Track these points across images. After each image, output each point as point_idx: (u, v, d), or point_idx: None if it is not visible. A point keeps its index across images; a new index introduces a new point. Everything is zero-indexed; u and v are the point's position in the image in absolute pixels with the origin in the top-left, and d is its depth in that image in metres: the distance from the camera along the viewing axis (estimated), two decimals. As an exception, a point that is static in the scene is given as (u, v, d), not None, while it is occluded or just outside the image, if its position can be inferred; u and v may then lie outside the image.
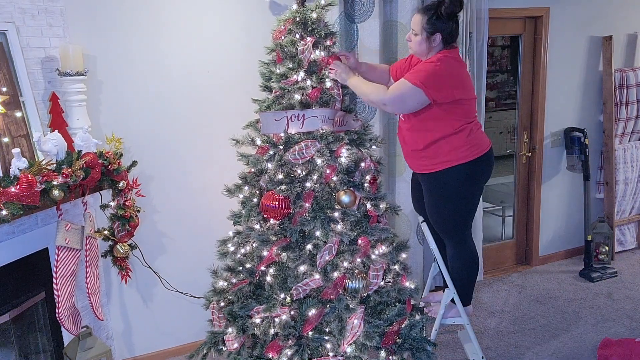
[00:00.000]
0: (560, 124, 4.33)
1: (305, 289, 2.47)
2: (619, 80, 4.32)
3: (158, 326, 3.29)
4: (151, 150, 3.07)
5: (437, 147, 2.48)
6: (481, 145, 2.54)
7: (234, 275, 2.75)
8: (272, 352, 2.46)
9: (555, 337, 3.37)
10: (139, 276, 3.16)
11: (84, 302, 2.80)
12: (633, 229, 4.73)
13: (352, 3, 3.24)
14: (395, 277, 2.69)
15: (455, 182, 2.53)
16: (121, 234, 2.83)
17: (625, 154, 4.45)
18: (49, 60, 2.61)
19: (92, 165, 2.42)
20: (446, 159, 2.49)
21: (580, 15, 4.19)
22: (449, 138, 2.45)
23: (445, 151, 2.48)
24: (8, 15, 2.40)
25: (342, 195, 2.48)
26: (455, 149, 2.46)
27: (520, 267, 4.47)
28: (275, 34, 2.72)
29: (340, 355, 2.43)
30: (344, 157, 2.56)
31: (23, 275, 2.48)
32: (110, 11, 2.85)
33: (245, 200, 2.70)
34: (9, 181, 2.09)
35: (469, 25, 3.53)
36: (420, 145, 2.52)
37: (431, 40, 2.34)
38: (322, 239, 2.48)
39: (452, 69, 2.35)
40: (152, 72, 3.00)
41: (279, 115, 2.59)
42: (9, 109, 2.31)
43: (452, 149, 2.46)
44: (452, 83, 2.34)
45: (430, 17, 2.32)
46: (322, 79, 2.61)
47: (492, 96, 7.00)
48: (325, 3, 2.67)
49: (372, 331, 2.46)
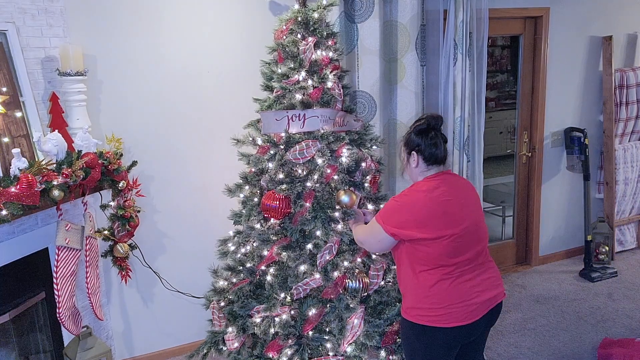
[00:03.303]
0: (560, 124, 4.33)
1: (305, 289, 2.47)
2: (619, 80, 4.32)
3: (158, 326, 3.29)
4: (151, 150, 3.07)
5: (403, 289, 2.13)
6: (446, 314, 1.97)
7: (235, 275, 2.75)
8: (272, 352, 2.46)
9: (555, 337, 3.37)
10: (139, 276, 3.16)
11: (84, 302, 2.79)
12: (633, 229, 4.73)
13: (352, 3, 3.24)
14: (395, 277, 2.69)
15: (409, 338, 2.10)
16: (121, 234, 2.83)
17: (625, 154, 4.45)
18: (49, 60, 2.60)
19: (92, 165, 2.42)
20: (405, 306, 2.09)
21: (580, 15, 4.19)
22: (410, 283, 2.05)
23: (406, 298, 2.09)
24: (8, 15, 2.40)
25: (342, 196, 2.48)
26: (415, 298, 2.03)
27: (520, 267, 4.47)
28: (276, 33, 2.72)
29: (340, 354, 2.43)
30: (345, 157, 2.56)
31: (23, 275, 2.47)
32: (111, 11, 2.85)
33: (246, 199, 2.70)
34: (9, 181, 2.08)
35: (469, 25, 3.53)
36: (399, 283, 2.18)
37: (411, 162, 2.09)
38: (322, 239, 2.48)
39: (416, 205, 1.98)
40: (152, 72, 3.00)
41: (280, 115, 2.59)
42: (9, 109, 2.31)
43: (412, 298, 2.05)
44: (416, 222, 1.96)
45: (405, 137, 2.14)
46: (323, 79, 2.61)
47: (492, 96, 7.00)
48: (327, 3, 2.67)
49: (372, 331, 2.46)
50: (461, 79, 3.60)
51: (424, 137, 2.06)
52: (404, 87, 3.45)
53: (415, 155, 2.07)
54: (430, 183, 2.04)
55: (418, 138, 2.07)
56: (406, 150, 2.12)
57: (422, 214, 1.96)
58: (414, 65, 3.41)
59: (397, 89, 3.48)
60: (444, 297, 1.97)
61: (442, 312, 1.97)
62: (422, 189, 2.03)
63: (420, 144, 2.06)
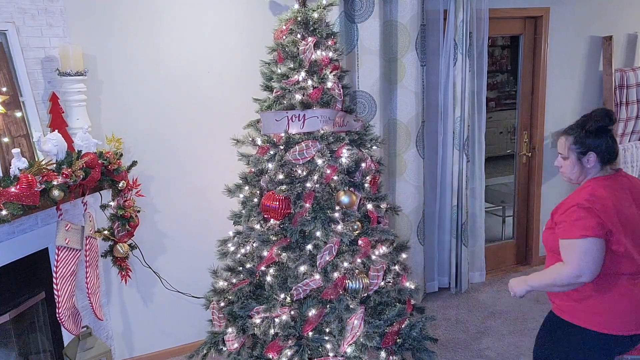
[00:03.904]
0: (560, 124, 4.32)
1: (305, 289, 2.47)
2: (619, 80, 4.32)
3: (158, 326, 3.29)
4: (151, 150, 3.07)
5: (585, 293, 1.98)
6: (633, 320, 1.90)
7: (234, 275, 2.75)
8: (272, 353, 2.46)
9: (555, 337, 3.37)
10: (139, 276, 3.16)
11: (84, 302, 2.79)
12: (633, 229, 4.73)
13: (352, 3, 3.23)
14: (395, 278, 2.69)
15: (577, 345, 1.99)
16: (121, 234, 2.83)
17: (625, 154, 4.45)
18: (49, 60, 2.60)
19: (92, 165, 2.42)
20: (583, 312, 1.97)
21: (580, 15, 4.19)
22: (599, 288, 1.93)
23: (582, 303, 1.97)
24: (8, 15, 2.40)
25: (342, 196, 2.48)
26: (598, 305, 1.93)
27: (520, 267, 4.47)
28: (276, 33, 2.72)
29: (340, 355, 2.43)
30: (345, 158, 2.55)
31: (23, 275, 2.47)
32: (111, 11, 2.85)
33: (246, 200, 2.70)
34: (9, 181, 2.08)
35: (469, 25, 3.54)
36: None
37: (584, 162, 1.98)
38: (322, 240, 2.47)
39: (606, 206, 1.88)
40: (152, 72, 3.00)
41: (279, 115, 2.59)
42: (9, 109, 2.30)
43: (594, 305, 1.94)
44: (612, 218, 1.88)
45: (577, 135, 1.99)
46: (323, 79, 2.61)
47: (492, 96, 7.00)
48: (327, 3, 2.67)
49: (372, 331, 2.46)
50: (461, 79, 3.60)
51: (603, 135, 1.96)
52: (404, 87, 3.45)
53: (594, 155, 1.96)
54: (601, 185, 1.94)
55: (598, 138, 1.95)
56: (578, 150, 1.98)
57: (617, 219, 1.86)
58: (414, 65, 3.41)
59: (397, 89, 3.48)
60: (628, 304, 1.90)
61: (624, 318, 1.90)
62: (600, 192, 1.90)
63: (600, 144, 1.95)
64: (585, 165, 1.98)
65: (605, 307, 1.90)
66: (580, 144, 1.98)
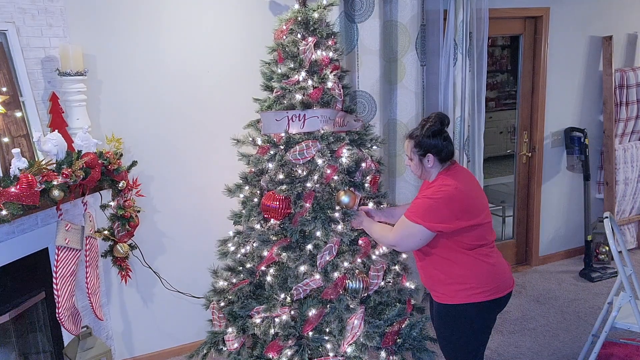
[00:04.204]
0: (560, 124, 4.33)
1: (305, 289, 2.47)
2: (619, 80, 4.32)
3: (158, 326, 3.29)
4: (151, 150, 3.07)
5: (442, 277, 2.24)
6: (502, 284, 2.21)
7: (234, 275, 2.75)
8: (272, 352, 2.46)
9: (555, 337, 3.37)
10: (139, 276, 3.16)
11: (84, 302, 2.79)
12: (633, 229, 4.73)
13: (352, 3, 3.23)
14: (395, 278, 2.69)
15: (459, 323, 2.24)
16: (121, 234, 2.82)
17: (625, 154, 4.45)
18: (49, 60, 2.60)
19: (92, 165, 2.42)
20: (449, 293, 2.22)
21: (580, 15, 4.19)
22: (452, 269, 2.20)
23: (448, 285, 2.21)
24: (8, 15, 2.40)
25: (342, 196, 2.48)
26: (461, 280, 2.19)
27: (520, 267, 4.47)
28: (276, 33, 2.72)
29: (340, 355, 2.43)
30: (345, 158, 2.55)
31: (23, 275, 2.47)
32: (110, 11, 2.85)
33: (246, 200, 2.70)
34: (9, 181, 2.08)
35: (469, 25, 3.53)
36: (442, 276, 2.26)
37: (424, 162, 2.21)
38: (322, 239, 2.48)
39: (453, 198, 2.11)
40: (152, 72, 3.00)
41: (280, 115, 2.59)
42: (9, 109, 2.30)
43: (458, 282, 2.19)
44: (454, 214, 2.11)
45: (416, 139, 2.21)
46: (323, 79, 2.61)
47: (492, 96, 7.00)
48: (327, 3, 2.67)
49: (373, 331, 2.46)
50: (461, 79, 3.60)
51: (438, 137, 2.18)
52: (404, 87, 3.45)
53: (431, 156, 2.19)
54: (453, 176, 2.18)
55: (434, 139, 2.18)
56: (419, 152, 2.22)
57: (464, 204, 2.10)
58: (414, 65, 3.41)
59: (397, 89, 3.48)
60: (491, 272, 2.18)
61: (493, 285, 2.17)
62: (448, 183, 2.14)
63: (436, 145, 2.18)
64: (426, 165, 2.22)
65: (476, 280, 2.17)
66: (419, 147, 2.21)
